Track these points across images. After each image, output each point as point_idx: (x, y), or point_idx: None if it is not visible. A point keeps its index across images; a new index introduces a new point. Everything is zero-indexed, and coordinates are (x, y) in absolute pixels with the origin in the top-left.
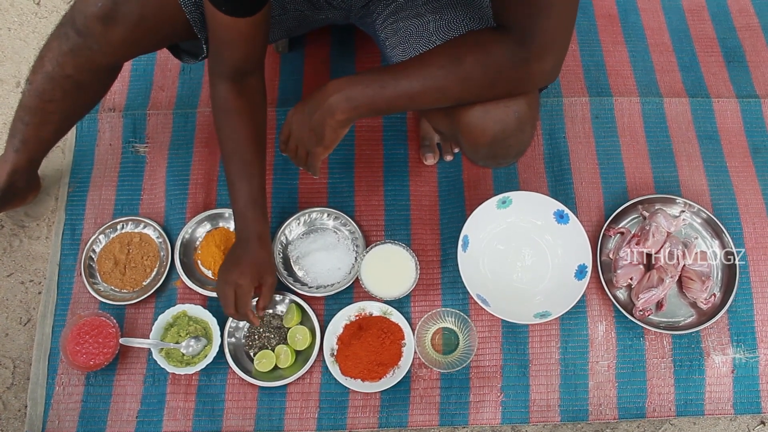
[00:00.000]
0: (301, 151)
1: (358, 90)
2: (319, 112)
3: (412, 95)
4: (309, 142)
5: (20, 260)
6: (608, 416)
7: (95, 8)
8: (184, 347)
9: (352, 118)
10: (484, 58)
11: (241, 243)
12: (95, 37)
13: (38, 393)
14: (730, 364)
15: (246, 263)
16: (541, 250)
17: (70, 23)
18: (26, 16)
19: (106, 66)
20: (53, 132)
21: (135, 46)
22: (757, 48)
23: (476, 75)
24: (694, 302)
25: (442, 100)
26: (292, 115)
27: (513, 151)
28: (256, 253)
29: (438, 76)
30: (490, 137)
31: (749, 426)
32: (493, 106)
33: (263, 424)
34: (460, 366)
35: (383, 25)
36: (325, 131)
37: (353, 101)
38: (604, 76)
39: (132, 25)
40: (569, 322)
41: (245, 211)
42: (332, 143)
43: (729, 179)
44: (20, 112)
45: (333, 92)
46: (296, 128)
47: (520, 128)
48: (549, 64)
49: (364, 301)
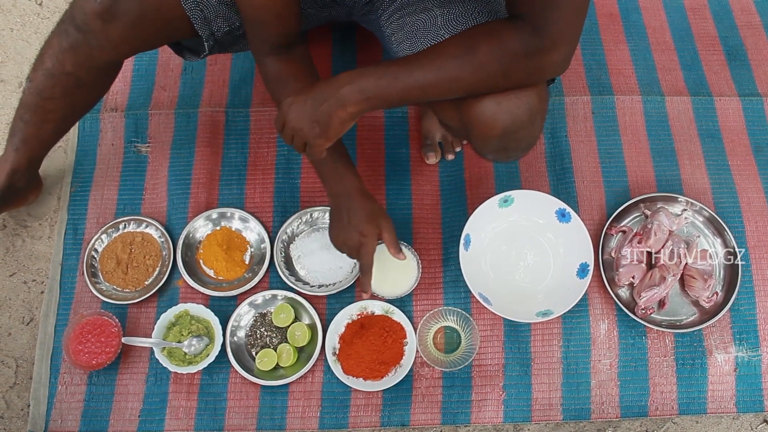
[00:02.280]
0: (298, 141)
1: (371, 82)
2: (328, 104)
3: (426, 86)
4: (310, 133)
5: (23, 260)
6: (610, 415)
7: (95, 5)
8: (186, 346)
9: (363, 110)
10: (497, 47)
11: (345, 202)
12: (95, 34)
13: (41, 392)
14: (732, 362)
15: (359, 219)
16: (543, 249)
17: (70, 20)
18: (28, 16)
19: (106, 63)
20: (53, 131)
21: (134, 43)
22: (758, 46)
23: (490, 64)
24: (697, 300)
25: (455, 91)
26: (289, 104)
27: (523, 144)
28: (365, 205)
29: (452, 66)
30: (500, 129)
31: (752, 424)
32: (504, 98)
33: (265, 423)
34: (462, 365)
35: (389, 21)
36: (332, 123)
37: (366, 93)
38: (606, 74)
39: (131, 22)
40: (571, 320)
41: (336, 171)
42: (336, 135)
43: (731, 177)
44: (20, 110)
45: (345, 83)
46: (294, 118)
47: (531, 120)
48: (561, 54)
49: (366, 300)
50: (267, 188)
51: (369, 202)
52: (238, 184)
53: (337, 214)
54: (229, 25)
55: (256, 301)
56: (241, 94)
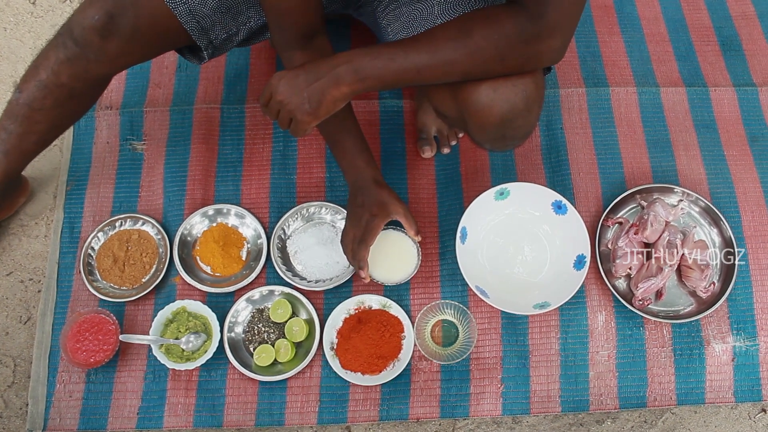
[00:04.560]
0: (284, 115)
1: (366, 62)
2: (322, 81)
3: (421, 68)
4: (299, 108)
5: (19, 259)
6: (609, 406)
7: (92, 20)
8: (184, 343)
9: (357, 90)
10: (494, 31)
11: (361, 191)
12: (92, 48)
13: (39, 391)
14: (730, 352)
15: (374, 201)
16: (540, 241)
17: (67, 33)
18: (22, 15)
19: (102, 76)
20: (35, 143)
21: (131, 57)
22: (753, 36)
23: (486, 48)
24: (694, 291)
25: (450, 74)
26: (279, 78)
27: (521, 132)
28: (378, 194)
29: (447, 48)
30: (498, 117)
31: (750, 414)
32: (500, 85)
33: (264, 419)
34: (459, 358)
35: (384, 12)
36: (324, 101)
37: (361, 73)
38: (601, 66)
39: (127, 37)
40: (569, 312)
41: (355, 161)
42: (325, 114)
43: (727, 168)
44: (5, 120)
45: (342, 63)
46: (283, 92)
47: (528, 108)
48: (558, 42)
49: (363, 295)
50: (263, 184)
51: (383, 192)
52: (234, 181)
53: (353, 197)
54: (227, 32)
55: (254, 297)
56: (236, 90)
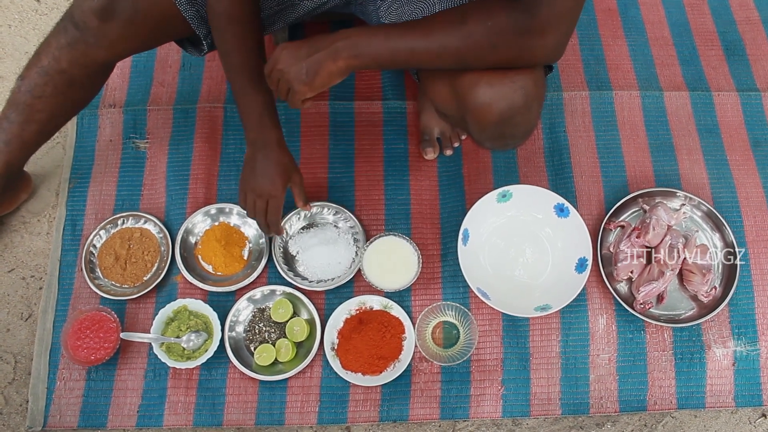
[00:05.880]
0: (283, 85)
1: (363, 39)
2: (320, 54)
3: (415, 50)
4: (296, 78)
5: (21, 256)
6: (609, 409)
7: (92, 3)
8: (185, 342)
9: (352, 66)
10: (486, 19)
11: (262, 151)
12: (92, 31)
13: (39, 388)
14: (731, 356)
15: (274, 171)
16: (542, 244)
17: (68, 17)
18: (27, 13)
19: (101, 62)
20: (36, 132)
21: (131, 42)
22: (757, 41)
23: (477, 34)
24: (695, 295)
25: (443, 58)
26: (282, 48)
27: (521, 130)
28: (280, 157)
29: (442, 32)
30: (497, 115)
31: (750, 419)
32: (498, 82)
33: (264, 418)
34: (460, 359)
35: (387, 12)
36: (320, 73)
37: (357, 49)
38: (604, 70)
39: (127, 20)
40: (570, 315)
41: (262, 119)
42: (320, 86)
43: (729, 172)
44: (7, 110)
45: (341, 38)
46: (284, 60)
47: (527, 105)
48: (551, 40)
49: (364, 295)
50: None
51: (285, 156)
52: (237, 180)
53: (251, 161)
54: None
55: (255, 297)
56: None
